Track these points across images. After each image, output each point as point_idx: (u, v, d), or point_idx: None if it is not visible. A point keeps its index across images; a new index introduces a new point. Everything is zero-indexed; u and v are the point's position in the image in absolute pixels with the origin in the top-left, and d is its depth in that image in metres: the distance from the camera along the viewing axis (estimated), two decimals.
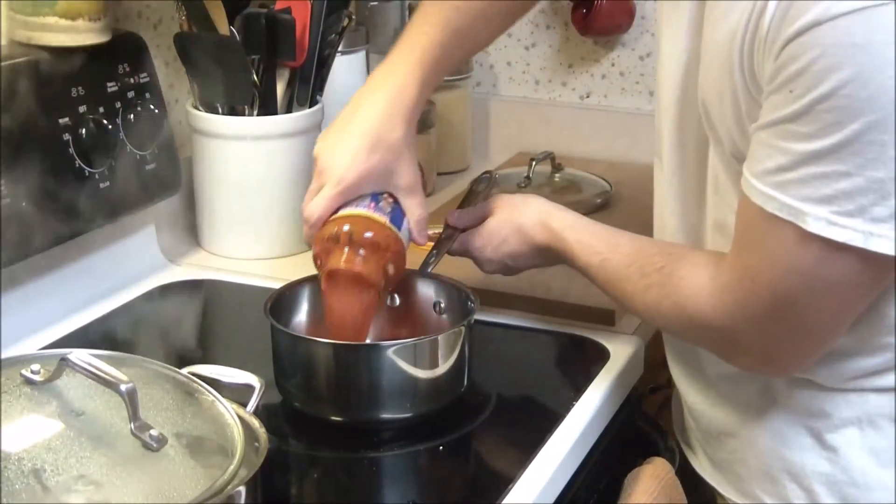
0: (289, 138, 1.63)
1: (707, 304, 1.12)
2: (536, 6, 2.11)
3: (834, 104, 0.97)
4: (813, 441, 1.19)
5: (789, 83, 1.00)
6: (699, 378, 1.30)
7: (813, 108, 0.98)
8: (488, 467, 1.22)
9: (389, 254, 1.23)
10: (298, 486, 1.20)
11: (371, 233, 1.23)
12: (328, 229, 1.24)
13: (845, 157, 0.98)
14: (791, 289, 1.06)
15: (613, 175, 1.89)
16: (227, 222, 1.65)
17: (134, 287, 1.53)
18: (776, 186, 1.03)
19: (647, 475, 1.28)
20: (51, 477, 0.91)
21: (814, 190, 1.00)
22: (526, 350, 1.43)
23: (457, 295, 1.31)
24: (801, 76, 0.99)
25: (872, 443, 1.16)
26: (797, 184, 1.01)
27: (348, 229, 1.23)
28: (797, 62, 0.99)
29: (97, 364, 0.96)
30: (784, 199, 1.02)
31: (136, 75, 1.50)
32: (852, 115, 0.97)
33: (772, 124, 1.03)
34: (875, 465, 1.16)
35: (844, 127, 0.97)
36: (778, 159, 1.02)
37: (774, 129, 1.02)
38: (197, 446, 0.97)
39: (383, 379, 1.20)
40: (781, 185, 1.02)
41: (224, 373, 1.11)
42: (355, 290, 1.23)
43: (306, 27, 1.60)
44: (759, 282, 1.07)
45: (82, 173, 1.42)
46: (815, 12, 0.97)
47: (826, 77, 0.97)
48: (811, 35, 0.97)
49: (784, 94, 1.00)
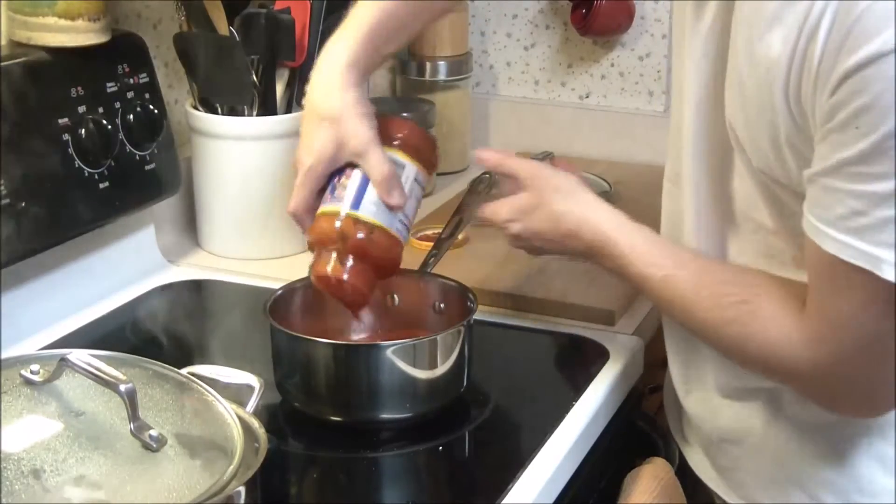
0: (289, 138, 1.62)
1: (799, 354, 1.07)
2: (536, 6, 2.12)
3: None
4: (820, 450, 1.18)
5: (854, 120, 0.94)
6: (702, 387, 1.29)
7: (882, 146, 0.93)
8: (488, 467, 1.22)
9: (349, 244, 1.20)
10: (298, 486, 1.20)
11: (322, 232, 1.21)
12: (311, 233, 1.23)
13: None
14: (881, 334, 1.02)
15: (613, 175, 1.89)
16: (227, 222, 1.65)
17: (134, 287, 1.53)
18: (850, 232, 0.98)
19: (646, 475, 1.28)
20: (50, 477, 0.91)
21: (890, 235, 0.96)
22: (526, 350, 1.43)
23: (457, 295, 1.31)
24: (866, 113, 0.93)
25: (881, 452, 1.16)
26: (872, 229, 0.96)
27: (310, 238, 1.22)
28: (861, 97, 0.93)
29: (97, 364, 0.96)
30: (860, 245, 0.97)
31: (136, 75, 1.50)
32: None
33: (838, 167, 0.97)
34: (883, 474, 1.16)
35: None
36: (850, 204, 0.97)
37: (842, 173, 0.97)
38: (197, 446, 0.97)
39: (383, 379, 1.20)
40: (856, 231, 0.97)
41: (223, 373, 1.11)
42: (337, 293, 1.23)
43: (306, 27, 1.60)
44: (849, 329, 1.03)
45: (82, 173, 1.42)
46: (876, 44, 0.92)
47: (894, 112, 0.92)
48: (875, 68, 0.92)
49: (848, 133, 0.95)
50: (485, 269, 1.53)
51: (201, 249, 1.68)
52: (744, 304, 1.12)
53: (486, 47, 2.18)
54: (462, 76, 2.04)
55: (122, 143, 1.47)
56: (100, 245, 1.51)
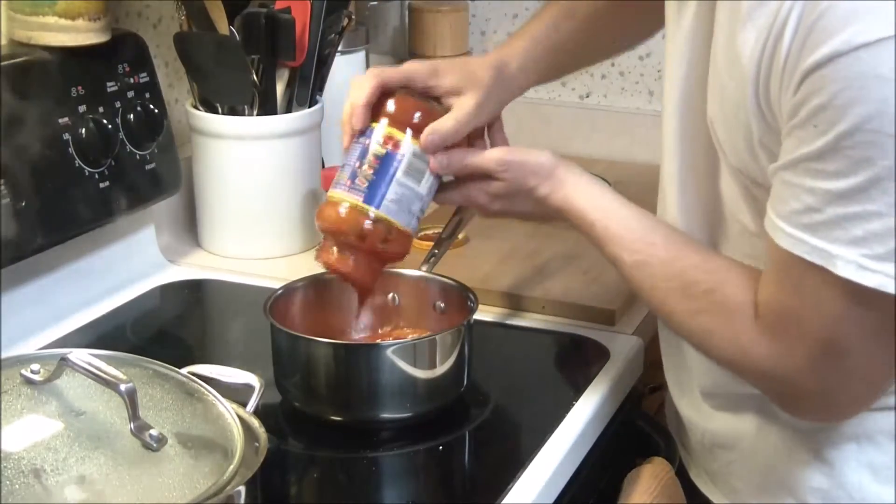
0: (289, 138, 1.63)
1: (757, 350, 1.06)
2: (536, 6, 2.11)
3: (860, 139, 0.92)
4: (810, 456, 1.18)
5: (812, 118, 0.95)
6: (690, 393, 1.30)
7: (838, 145, 0.93)
8: (488, 467, 1.22)
9: (365, 245, 1.19)
10: (298, 486, 1.20)
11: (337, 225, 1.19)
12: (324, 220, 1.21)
13: (875, 196, 0.93)
14: (835, 333, 1.01)
15: (613, 174, 1.89)
16: (227, 222, 1.65)
17: (134, 287, 1.53)
18: (804, 228, 0.98)
19: (646, 475, 1.28)
20: (51, 477, 0.91)
21: (844, 232, 0.95)
22: (526, 350, 1.43)
23: (457, 295, 1.31)
24: (823, 111, 0.94)
25: (870, 459, 1.15)
26: (826, 225, 0.96)
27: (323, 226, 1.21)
28: (819, 96, 0.94)
29: (97, 364, 0.96)
30: (813, 241, 0.97)
31: (136, 75, 1.50)
32: (880, 151, 0.92)
33: (796, 162, 0.98)
34: (872, 481, 1.15)
35: (873, 164, 0.92)
36: (805, 199, 0.97)
37: (799, 168, 0.98)
38: (197, 446, 0.97)
39: (383, 379, 1.20)
40: (810, 228, 0.98)
41: (224, 373, 1.11)
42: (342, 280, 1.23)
43: (306, 27, 1.60)
44: (803, 326, 1.02)
45: (82, 173, 1.42)
46: (835, 43, 0.92)
47: (850, 111, 0.92)
48: (832, 67, 0.92)
49: (808, 130, 0.95)
50: (485, 269, 1.53)
51: (201, 249, 1.68)
52: (710, 294, 1.11)
53: (487, 47, 2.18)
54: None
55: (122, 143, 1.47)
56: (100, 245, 1.51)
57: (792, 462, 1.19)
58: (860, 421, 1.14)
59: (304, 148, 1.64)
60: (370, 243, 1.19)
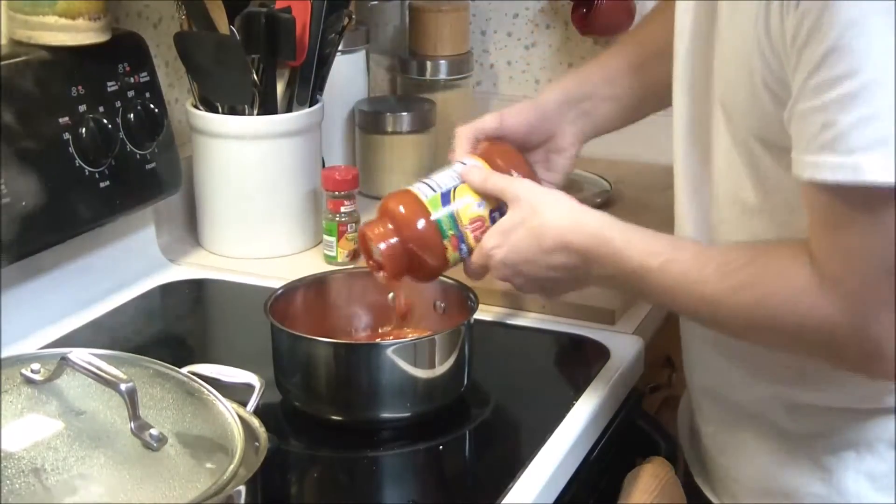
0: (289, 138, 1.63)
1: (821, 302, 1.00)
2: (536, 6, 2.12)
3: (859, 31, 0.92)
4: (809, 462, 1.18)
5: (816, 25, 0.94)
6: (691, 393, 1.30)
7: (838, 43, 0.93)
8: (488, 467, 1.22)
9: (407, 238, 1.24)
10: (298, 486, 1.20)
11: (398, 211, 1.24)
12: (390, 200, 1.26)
13: (884, 92, 0.92)
14: None
15: (613, 174, 1.89)
16: (227, 222, 1.65)
17: (134, 287, 1.53)
18: (824, 149, 0.95)
19: (647, 475, 1.28)
20: (51, 476, 0.91)
21: (861, 136, 0.93)
22: (526, 350, 1.43)
23: (457, 294, 1.31)
24: (825, 12, 0.93)
25: (869, 467, 1.15)
26: (843, 137, 0.94)
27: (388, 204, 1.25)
28: (817, 5, 0.94)
29: (97, 363, 0.96)
30: (835, 158, 0.95)
31: (136, 75, 1.50)
32: (882, 43, 0.92)
33: (806, 82, 0.96)
34: (871, 489, 1.15)
35: (877, 57, 0.92)
36: (818, 119, 0.96)
37: (809, 89, 0.96)
38: (197, 446, 0.97)
39: (383, 378, 1.20)
40: (829, 146, 0.95)
41: (224, 372, 1.11)
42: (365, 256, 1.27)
43: (306, 26, 1.60)
44: (861, 261, 0.98)
45: (82, 173, 1.42)
46: None
47: (846, 7, 0.92)
48: None
49: (813, 40, 0.95)
50: None
51: (202, 248, 1.68)
52: (750, 266, 1.06)
53: (487, 46, 2.18)
54: (463, 75, 2.04)
55: (122, 143, 1.47)
56: (100, 245, 1.51)
57: (790, 468, 1.19)
58: (860, 428, 1.14)
59: (304, 148, 1.64)
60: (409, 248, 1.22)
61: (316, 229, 1.66)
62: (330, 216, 1.60)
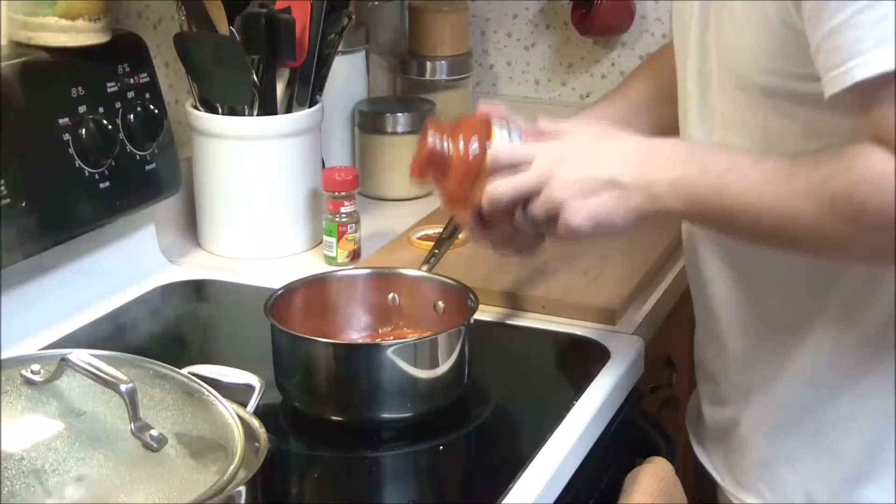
0: (289, 138, 1.63)
1: None
2: (536, 6, 2.12)
3: None
4: (812, 438, 1.19)
5: None
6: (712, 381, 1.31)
7: None
8: (488, 467, 1.22)
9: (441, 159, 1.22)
10: (298, 486, 1.20)
11: None
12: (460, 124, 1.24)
13: None
14: None
15: None
16: (227, 222, 1.65)
17: (134, 287, 1.53)
18: (879, 44, 0.98)
19: (647, 475, 1.28)
20: (51, 477, 0.91)
21: (887, 29, 0.97)
22: (526, 350, 1.43)
23: (457, 294, 1.31)
24: None
25: (870, 441, 1.17)
26: (867, 38, 0.98)
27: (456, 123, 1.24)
28: None
29: (97, 364, 0.96)
30: (861, 59, 0.98)
31: (136, 75, 1.50)
32: None
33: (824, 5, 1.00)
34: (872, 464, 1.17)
35: None
36: (845, 36, 0.99)
37: (828, 7, 1.00)
38: (197, 446, 0.97)
39: (383, 379, 1.20)
40: (884, 40, 0.97)
41: (224, 373, 1.11)
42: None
43: (306, 27, 1.60)
44: None
45: (82, 173, 1.42)
46: None
47: None
48: None
49: None
50: (485, 269, 1.53)
51: (201, 249, 1.68)
52: (835, 157, 1.04)
53: (487, 47, 2.18)
54: (463, 76, 2.04)
55: (122, 143, 1.47)
56: (100, 245, 1.51)
57: (795, 443, 1.20)
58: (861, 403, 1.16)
59: (304, 148, 1.64)
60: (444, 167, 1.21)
61: (316, 230, 1.66)
62: (330, 217, 1.60)
